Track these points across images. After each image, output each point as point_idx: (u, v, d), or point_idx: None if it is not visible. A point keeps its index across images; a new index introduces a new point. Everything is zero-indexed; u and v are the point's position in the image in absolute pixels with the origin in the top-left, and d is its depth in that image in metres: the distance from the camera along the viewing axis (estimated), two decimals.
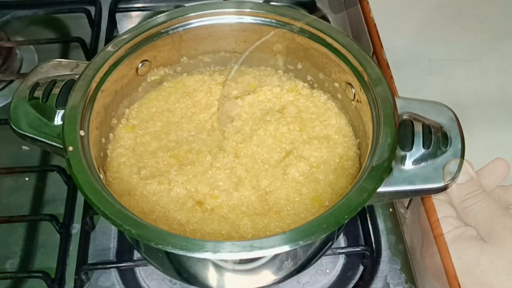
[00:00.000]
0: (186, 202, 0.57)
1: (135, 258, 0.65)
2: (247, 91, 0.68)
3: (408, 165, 0.52)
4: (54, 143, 0.54)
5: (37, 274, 0.60)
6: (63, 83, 0.57)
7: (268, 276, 0.57)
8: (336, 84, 0.64)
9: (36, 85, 0.58)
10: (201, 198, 0.57)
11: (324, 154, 0.61)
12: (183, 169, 0.60)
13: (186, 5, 0.64)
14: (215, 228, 0.54)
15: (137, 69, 0.63)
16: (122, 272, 0.63)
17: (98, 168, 0.54)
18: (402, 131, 0.53)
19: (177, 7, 0.73)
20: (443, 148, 0.52)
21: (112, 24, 0.90)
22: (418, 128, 0.53)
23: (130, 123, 0.64)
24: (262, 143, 0.61)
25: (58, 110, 0.55)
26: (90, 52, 0.85)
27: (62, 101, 0.55)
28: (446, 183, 0.51)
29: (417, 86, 0.76)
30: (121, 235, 0.66)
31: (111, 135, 0.62)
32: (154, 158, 0.60)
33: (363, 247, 0.63)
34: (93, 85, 0.56)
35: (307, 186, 0.58)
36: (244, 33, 0.65)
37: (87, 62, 0.58)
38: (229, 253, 0.44)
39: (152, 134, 0.63)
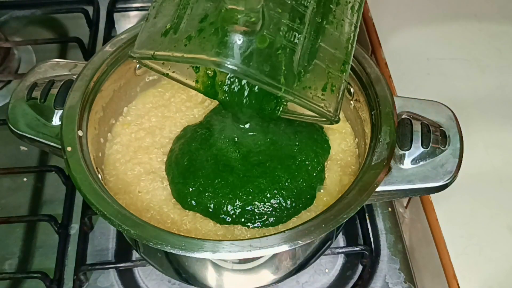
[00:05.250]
0: None
1: (134, 258, 0.65)
2: None
3: (407, 164, 0.52)
4: (52, 144, 0.54)
5: (35, 275, 0.60)
6: (61, 83, 0.57)
7: (267, 275, 0.57)
8: None
9: (34, 86, 0.57)
10: None
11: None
12: None
13: None
14: (210, 229, 0.54)
15: (135, 69, 0.63)
16: (121, 273, 0.63)
17: (97, 168, 0.54)
18: (401, 130, 0.53)
19: None
20: (442, 147, 0.52)
21: (110, 24, 0.90)
22: (417, 127, 0.53)
23: (126, 119, 0.64)
24: None
25: (56, 111, 0.55)
26: (88, 52, 0.85)
27: (60, 102, 0.55)
28: (445, 182, 0.51)
29: (415, 85, 0.76)
30: (119, 235, 0.66)
31: (109, 134, 0.62)
32: (148, 155, 0.60)
33: (362, 247, 0.63)
34: (91, 85, 0.56)
35: None
36: None
37: (85, 62, 0.58)
38: (228, 253, 0.44)
39: (147, 129, 0.63)
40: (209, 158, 0.57)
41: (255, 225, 0.54)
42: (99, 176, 0.52)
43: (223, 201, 0.54)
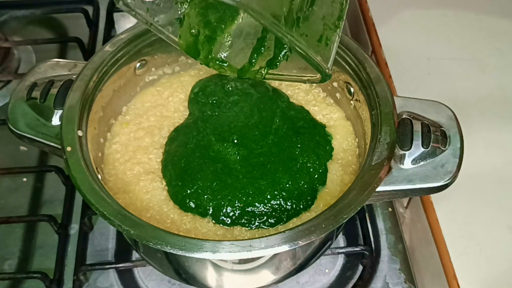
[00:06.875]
0: None
1: (133, 258, 0.65)
2: None
3: (407, 164, 0.52)
4: (52, 144, 0.54)
5: (35, 275, 0.60)
6: (61, 83, 0.57)
7: (267, 276, 0.57)
8: (335, 84, 0.63)
9: (34, 85, 0.57)
10: None
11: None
12: None
13: None
14: (210, 229, 0.54)
15: (135, 69, 0.63)
16: (120, 273, 0.63)
17: (97, 168, 0.53)
18: (401, 130, 0.53)
19: None
20: (442, 147, 0.52)
21: (110, 24, 0.90)
22: (417, 127, 0.53)
23: (125, 119, 0.64)
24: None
25: (56, 111, 0.55)
26: (88, 52, 0.85)
27: (60, 102, 0.55)
28: (445, 182, 0.51)
29: (416, 85, 0.76)
30: (119, 235, 0.66)
31: (108, 134, 0.62)
32: (147, 154, 0.60)
33: (362, 247, 0.63)
34: (91, 85, 0.56)
35: None
36: None
37: (85, 62, 0.58)
38: (228, 253, 0.44)
39: (146, 129, 0.62)
40: (207, 160, 0.57)
41: (255, 226, 0.54)
42: (99, 176, 0.52)
43: (223, 202, 0.54)
